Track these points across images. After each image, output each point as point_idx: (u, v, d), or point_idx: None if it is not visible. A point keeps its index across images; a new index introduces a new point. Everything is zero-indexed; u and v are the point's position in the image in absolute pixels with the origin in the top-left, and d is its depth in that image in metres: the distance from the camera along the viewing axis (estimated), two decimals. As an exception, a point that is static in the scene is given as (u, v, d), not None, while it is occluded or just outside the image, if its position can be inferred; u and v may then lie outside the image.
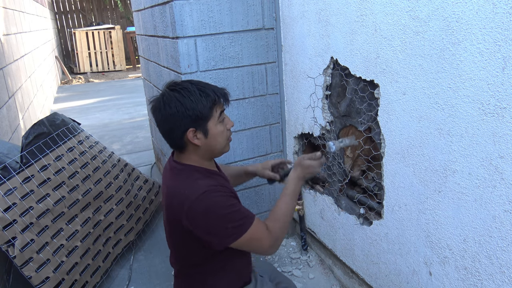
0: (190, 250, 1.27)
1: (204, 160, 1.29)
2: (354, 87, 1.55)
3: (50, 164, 1.95)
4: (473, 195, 1.12)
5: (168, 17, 1.90)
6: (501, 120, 1.00)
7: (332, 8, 1.55)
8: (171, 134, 1.25)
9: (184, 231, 1.21)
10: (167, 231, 1.35)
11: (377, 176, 1.54)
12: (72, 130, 2.25)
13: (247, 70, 1.98)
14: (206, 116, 1.22)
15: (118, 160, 2.51)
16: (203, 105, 1.20)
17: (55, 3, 11.84)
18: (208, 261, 1.28)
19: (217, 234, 1.17)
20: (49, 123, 2.10)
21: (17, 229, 1.69)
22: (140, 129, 4.84)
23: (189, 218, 1.17)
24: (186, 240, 1.24)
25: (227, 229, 1.17)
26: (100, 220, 2.09)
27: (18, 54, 4.21)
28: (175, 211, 1.21)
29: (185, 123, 1.20)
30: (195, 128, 1.21)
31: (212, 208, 1.16)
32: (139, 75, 9.24)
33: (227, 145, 1.32)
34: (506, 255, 1.06)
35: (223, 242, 1.19)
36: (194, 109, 1.19)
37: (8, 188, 1.73)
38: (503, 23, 0.95)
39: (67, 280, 1.78)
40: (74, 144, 2.18)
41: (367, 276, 1.69)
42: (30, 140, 1.93)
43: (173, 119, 1.20)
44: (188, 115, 1.19)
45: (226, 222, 1.17)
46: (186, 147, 1.26)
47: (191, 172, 1.25)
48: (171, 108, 1.19)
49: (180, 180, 1.24)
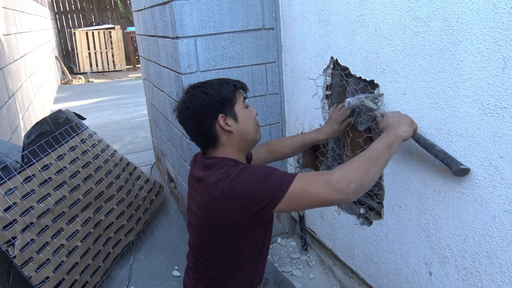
0: (221, 246, 1.22)
1: (239, 152, 1.26)
2: (354, 87, 1.55)
3: (51, 164, 1.94)
4: (473, 195, 1.12)
5: (168, 17, 1.90)
6: (501, 120, 1.00)
7: (332, 8, 1.55)
8: (203, 127, 1.22)
9: (223, 225, 1.16)
10: (196, 231, 1.27)
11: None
12: (75, 128, 2.23)
13: (247, 70, 1.98)
14: (231, 99, 1.24)
15: (120, 159, 2.50)
16: (226, 90, 1.23)
17: (55, 3, 11.84)
18: (233, 261, 1.25)
19: (265, 195, 1.08)
20: (52, 121, 2.08)
21: (17, 229, 1.69)
22: (140, 129, 4.84)
23: (232, 199, 1.10)
24: (222, 234, 1.19)
25: (271, 186, 1.08)
26: (100, 220, 2.09)
27: (18, 54, 4.21)
28: (213, 203, 1.15)
29: (214, 110, 1.21)
30: (225, 114, 1.23)
31: (253, 175, 1.11)
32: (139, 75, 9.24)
33: (258, 132, 1.31)
34: (506, 255, 1.06)
35: (275, 200, 1.07)
36: (218, 94, 1.22)
37: (9, 187, 1.73)
38: (503, 23, 0.95)
39: (67, 280, 1.78)
40: (77, 143, 2.17)
41: (367, 276, 1.69)
42: (32, 139, 1.92)
43: (201, 109, 1.21)
44: (215, 101, 1.21)
45: (268, 180, 1.09)
46: (219, 139, 1.23)
47: (226, 161, 1.21)
48: (197, 100, 1.22)
49: (216, 169, 1.18)
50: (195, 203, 1.24)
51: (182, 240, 2.39)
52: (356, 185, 1.02)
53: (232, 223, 1.15)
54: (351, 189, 1.01)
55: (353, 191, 1.02)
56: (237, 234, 1.19)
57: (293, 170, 2.14)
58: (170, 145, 2.54)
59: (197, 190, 1.24)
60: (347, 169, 1.06)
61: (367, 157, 1.09)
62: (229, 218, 1.13)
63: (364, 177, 1.04)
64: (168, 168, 2.84)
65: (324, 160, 1.92)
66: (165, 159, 2.87)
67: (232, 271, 1.27)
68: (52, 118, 2.11)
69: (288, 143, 1.62)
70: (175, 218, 2.66)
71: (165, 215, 2.71)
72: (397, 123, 1.20)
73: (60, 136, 2.07)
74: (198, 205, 1.22)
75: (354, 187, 1.01)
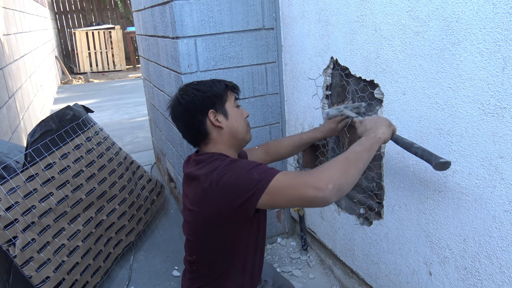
0: (214, 243, 1.23)
1: (230, 148, 1.29)
2: (354, 87, 1.55)
3: (55, 163, 1.93)
4: (473, 195, 1.12)
5: (168, 17, 1.90)
6: (501, 120, 1.00)
7: (332, 8, 1.55)
8: (193, 122, 1.27)
9: (214, 221, 1.17)
10: (190, 227, 1.28)
11: (377, 176, 1.54)
12: (81, 126, 2.19)
13: (247, 70, 1.98)
14: (222, 96, 1.29)
15: (124, 158, 2.49)
16: (217, 87, 1.30)
17: (55, 3, 11.84)
18: (225, 259, 1.25)
19: (247, 187, 1.10)
20: (58, 119, 2.06)
21: (18, 228, 1.69)
22: (140, 129, 4.84)
23: (219, 190, 1.12)
24: (214, 230, 1.20)
25: (254, 178, 1.10)
26: (102, 220, 2.09)
27: (18, 54, 4.21)
28: (204, 195, 1.17)
29: (204, 105, 1.26)
30: (215, 110, 1.27)
31: (238, 168, 1.14)
32: (139, 75, 9.24)
33: (248, 133, 1.35)
34: (506, 255, 1.06)
35: (257, 193, 1.09)
36: (210, 91, 1.28)
37: (11, 186, 1.72)
38: (503, 23, 0.95)
39: (67, 280, 1.78)
40: (82, 141, 2.15)
41: (367, 276, 1.69)
42: (36, 137, 1.90)
43: (193, 104, 1.26)
44: (206, 97, 1.27)
45: (252, 172, 1.12)
46: (210, 134, 1.27)
47: (217, 156, 1.23)
48: (189, 95, 1.28)
49: (207, 163, 1.21)
50: (189, 199, 1.26)
51: (182, 240, 2.39)
52: (335, 184, 1.02)
53: (222, 216, 1.16)
54: (329, 189, 1.01)
55: (331, 190, 1.01)
56: (227, 230, 1.21)
57: (293, 170, 2.14)
58: (170, 145, 2.54)
59: (190, 186, 1.25)
60: (325, 169, 1.06)
61: (346, 157, 1.09)
62: (218, 211, 1.15)
63: (342, 177, 1.04)
64: (168, 168, 2.84)
65: (324, 160, 1.92)
66: (165, 159, 2.87)
67: (225, 270, 1.28)
68: (59, 115, 2.08)
69: (285, 143, 1.63)
70: (175, 218, 2.67)
71: (165, 215, 2.71)
72: (375, 126, 1.22)
73: (65, 134, 2.05)
74: (191, 200, 1.24)
75: (332, 186, 1.01)
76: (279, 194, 1.08)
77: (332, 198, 1.02)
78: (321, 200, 1.03)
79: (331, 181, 1.01)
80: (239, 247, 1.25)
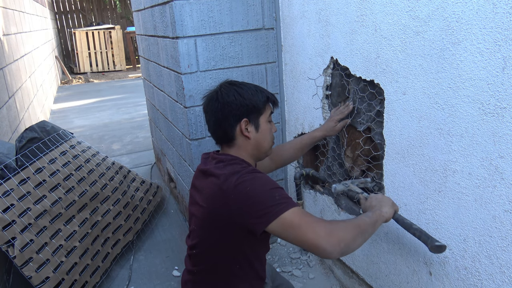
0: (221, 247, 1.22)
1: (251, 157, 1.30)
2: (354, 87, 1.55)
3: (44, 167, 1.97)
4: (473, 195, 1.12)
5: (168, 17, 1.89)
6: (501, 120, 1.00)
7: (332, 8, 1.55)
8: (224, 123, 1.26)
9: (223, 222, 1.16)
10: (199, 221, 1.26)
11: (377, 176, 1.54)
12: (63, 136, 2.29)
13: (247, 70, 1.98)
14: (260, 110, 1.28)
15: (112, 163, 2.53)
16: (258, 99, 1.27)
17: (55, 3, 11.84)
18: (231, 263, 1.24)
19: (265, 204, 1.09)
20: (39, 129, 2.14)
21: (16, 229, 1.70)
22: (140, 129, 4.84)
23: (236, 195, 1.12)
24: (219, 234, 1.19)
25: (274, 198, 1.10)
26: (97, 221, 2.10)
27: (18, 54, 4.21)
28: (219, 194, 1.16)
29: (241, 112, 1.25)
30: (248, 120, 1.26)
31: (261, 182, 1.13)
32: (139, 75, 9.24)
33: (271, 148, 1.34)
34: (506, 255, 1.06)
35: (272, 213, 1.08)
36: (251, 99, 1.26)
37: (6, 189, 1.75)
38: (503, 23, 0.95)
39: (67, 280, 1.78)
40: (67, 148, 2.22)
41: (367, 276, 1.69)
42: (24, 143, 1.97)
43: (230, 107, 1.24)
44: (245, 104, 1.25)
45: (273, 192, 1.11)
46: (235, 140, 1.27)
47: (239, 160, 1.23)
48: (229, 96, 1.25)
49: (227, 164, 1.21)
50: (201, 195, 1.24)
51: (182, 240, 2.39)
52: (345, 244, 1.05)
53: (230, 220, 1.15)
54: (340, 247, 1.04)
55: (340, 249, 1.05)
56: (231, 237, 1.19)
57: (293, 170, 2.14)
58: (170, 145, 2.54)
59: (205, 182, 1.24)
60: (340, 228, 1.08)
61: (358, 225, 1.13)
62: (229, 213, 1.14)
63: (352, 242, 1.08)
64: (168, 168, 2.84)
65: (324, 160, 1.92)
66: (165, 159, 2.87)
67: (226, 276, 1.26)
68: (40, 126, 2.16)
69: (287, 146, 1.65)
70: (175, 218, 2.66)
71: (165, 215, 2.71)
72: (379, 204, 1.26)
73: (49, 142, 2.12)
74: (205, 196, 1.22)
75: (343, 246, 1.05)
76: (291, 227, 1.07)
77: (336, 255, 1.06)
78: (326, 253, 1.05)
79: (343, 241, 1.05)
80: (240, 258, 1.23)
